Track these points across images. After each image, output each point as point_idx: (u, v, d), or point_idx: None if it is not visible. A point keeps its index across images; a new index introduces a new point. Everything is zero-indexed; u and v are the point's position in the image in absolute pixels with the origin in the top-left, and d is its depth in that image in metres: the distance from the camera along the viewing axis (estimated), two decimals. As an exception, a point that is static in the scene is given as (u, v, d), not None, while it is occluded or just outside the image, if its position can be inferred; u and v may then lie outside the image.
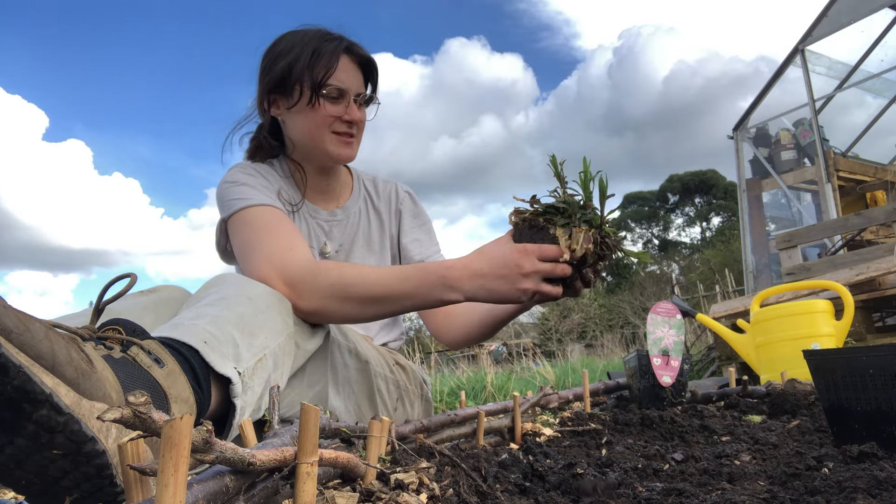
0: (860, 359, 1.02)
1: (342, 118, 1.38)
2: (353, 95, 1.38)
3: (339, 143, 1.40)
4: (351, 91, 1.38)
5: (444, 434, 1.16)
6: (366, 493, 0.72)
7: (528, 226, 1.09)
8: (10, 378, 0.58)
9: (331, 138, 1.39)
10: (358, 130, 1.43)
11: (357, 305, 1.14)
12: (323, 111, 1.36)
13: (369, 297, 1.13)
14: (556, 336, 17.07)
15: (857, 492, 0.73)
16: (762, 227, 8.13)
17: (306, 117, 1.38)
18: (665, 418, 1.39)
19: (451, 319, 1.46)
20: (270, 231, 1.25)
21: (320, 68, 1.34)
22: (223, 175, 1.40)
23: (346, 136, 1.40)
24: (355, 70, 1.40)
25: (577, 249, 1.04)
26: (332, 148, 1.40)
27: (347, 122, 1.39)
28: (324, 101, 1.36)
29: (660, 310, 1.74)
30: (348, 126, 1.39)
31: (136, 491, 0.57)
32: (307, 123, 1.38)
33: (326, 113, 1.36)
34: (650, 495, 0.80)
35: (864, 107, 8.34)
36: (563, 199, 1.08)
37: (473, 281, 1.09)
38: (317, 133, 1.39)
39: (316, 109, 1.36)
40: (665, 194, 36.18)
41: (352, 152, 1.43)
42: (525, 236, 1.10)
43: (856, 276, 3.49)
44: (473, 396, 4.51)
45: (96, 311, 0.84)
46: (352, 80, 1.38)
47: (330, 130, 1.39)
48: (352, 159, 1.45)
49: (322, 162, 1.46)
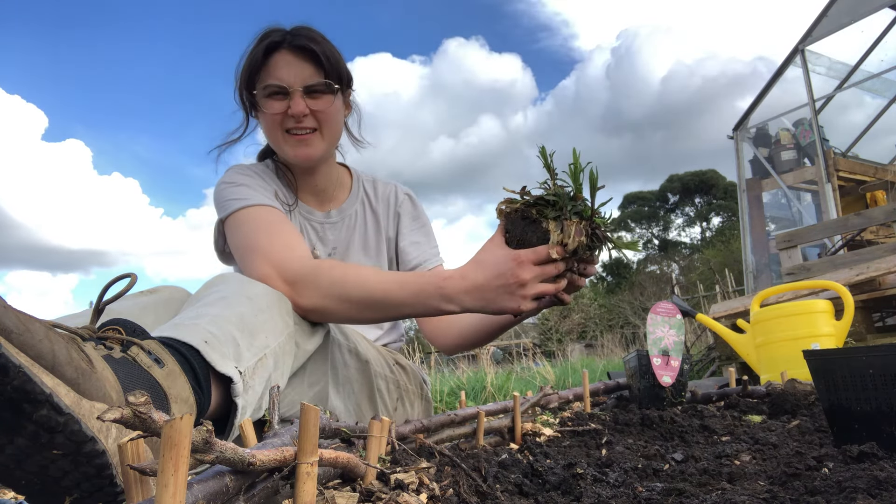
0: (860, 359, 1.02)
1: (287, 113, 1.33)
2: (298, 88, 1.32)
3: (293, 142, 1.36)
4: (294, 85, 1.32)
5: (444, 434, 1.16)
6: (366, 493, 0.72)
7: (520, 217, 1.08)
8: (10, 378, 0.58)
9: (285, 138, 1.36)
10: (319, 124, 1.36)
11: (355, 307, 1.14)
12: (269, 112, 1.34)
13: (368, 300, 1.13)
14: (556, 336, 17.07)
15: (857, 492, 0.73)
16: (762, 227, 8.13)
17: (263, 122, 1.39)
18: (665, 418, 1.39)
19: (445, 325, 1.45)
20: (269, 230, 1.25)
21: (253, 70, 1.34)
22: (220, 176, 1.40)
23: (300, 133, 1.35)
24: (298, 62, 1.33)
25: (569, 243, 1.03)
26: (287, 148, 1.37)
27: (294, 118, 1.33)
28: (266, 101, 1.33)
29: (660, 310, 1.74)
30: (296, 121, 1.34)
31: (136, 491, 0.57)
32: (265, 128, 1.39)
33: (271, 112, 1.34)
34: (650, 495, 0.80)
35: (864, 107, 8.36)
36: (553, 190, 1.07)
37: (471, 294, 1.07)
38: (272, 136, 1.39)
39: (265, 114, 1.35)
40: (665, 194, 36.19)
41: (310, 150, 1.36)
42: (517, 227, 1.08)
43: (856, 276, 3.50)
44: (473, 396, 4.51)
45: (96, 311, 0.84)
46: (293, 74, 1.32)
47: (282, 130, 1.35)
48: (312, 158, 1.38)
49: (289, 164, 1.45)
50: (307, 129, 1.35)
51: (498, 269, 1.05)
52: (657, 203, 36.39)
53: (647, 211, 36.07)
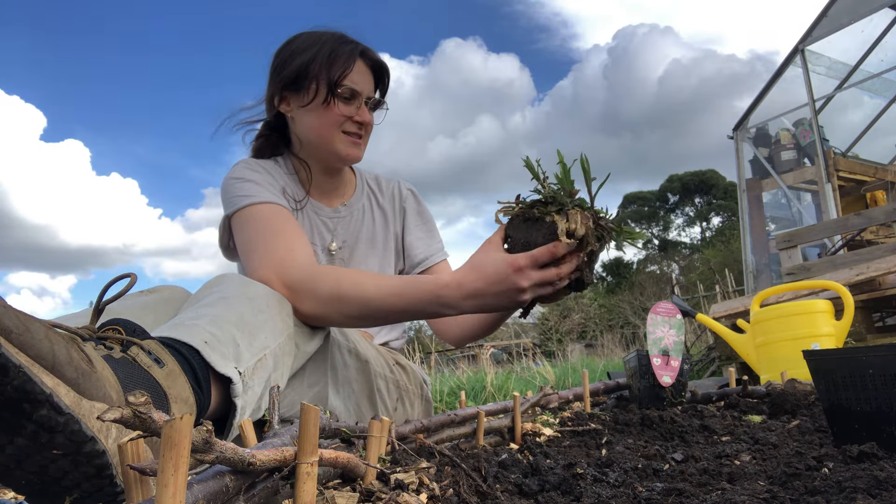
0: (860, 359, 1.02)
1: (353, 118, 1.40)
2: (364, 98, 1.41)
3: (348, 143, 1.42)
4: (363, 94, 1.40)
5: (444, 434, 1.16)
6: (366, 493, 0.72)
7: (521, 219, 1.08)
8: (10, 378, 0.58)
9: (340, 137, 1.41)
10: (366, 133, 1.46)
11: (354, 314, 1.15)
12: (336, 110, 1.38)
13: (365, 308, 1.13)
14: (556, 336, 17.06)
15: (857, 492, 0.73)
16: (762, 227, 8.14)
17: (318, 116, 1.39)
18: (665, 418, 1.39)
19: (449, 320, 1.47)
20: (273, 231, 1.25)
21: (337, 68, 1.36)
22: (228, 171, 1.41)
23: (355, 137, 1.43)
24: (368, 74, 1.43)
25: (577, 229, 1.03)
26: (341, 147, 1.42)
27: (358, 123, 1.41)
28: (337, 100, 1.38)
29: (660, 310, 1.74)
30: (358, 127, 1.42)
31: (136, 491, 0.57)
32: (319, 122, 1.40)
33: (339, 112, 1.38)
34: (650, 495, 0.80)
35: (864, 107, 8.35)
36: (547, 193, 1.08)
37: (469, 300, 1.08)
38: (327, 132, 1.40)
39: (329, 108, 1.38)
40: (665, 194, 36.19)
41: (359, 153, 1.45)
42: (520, 231, 1.08)
43: (856, 276, 3.49)
44: (473, 396, 4.51)
45: (96, 311, 0.84)
46: (365, 83, 1.41)
47: (340, 130, 1.41)
48: (359, 160, 1.47)
49: (329, 161, 1.47)
50: (360, 134, 1.44)
51: (497, 276, 1.05)
52: (657, 203, 36.40)
53: (646, 211, 36.07)
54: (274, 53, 1.44)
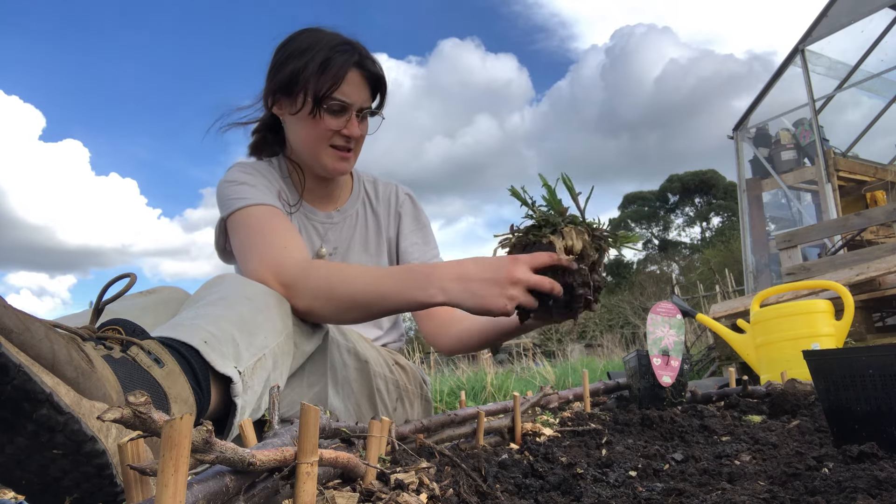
0: (860, 359, 1.02)
1: (341, 132, 1.36)
2: (355, 110, 1.36)
3: (335, 157, 1.39)
4: (354, 106, 1.36)
5: (444, 434, 1.16)
6: (366, 493, 0.72)
7: (521, 247, 1.11)
8: (10, 377, 0.58)
9: (328, 152, 1.38)
10: (356, 145, 1.42)
11: (342, 304, 1.13)
12: (323, 124, 1.34)
13: (351, 295, 1.12)
14: (556, 336, 17.06)
15: (857, 492, 0.73)
16: (762, 227, 8.14)
17: (306, 126, 1.36)
18: (665, 418, 1.39)
19: (444, 325, 1.46)
20: (267, 231, 1.25)
21: (326, 80, 1.31)
22: (224, 174, 1.40)
23: (343, 151, 1.39)
24: (363, 84, 1.37)
25: (574, 244, 1.06)
26: (327, 161, 1.39)
27: (346, 137, 1.37)
28: (325, 114, 1.34)
29: (660, 310, 1.74)
30: (346, 140, 1.38)
31: (136, 491, 0.57)
32: (306, 133, 1.37)
33: (326, 126, 1.35)
34: (650, 495, 0.80)
35: (864, 107, 8.35)
36: (539, 216, 1.11)
37: (458, 283, 1.06)
38: (314, 145, 1.38)
39: (316, 121, 1.34)
40: (665, 194, 36.18)
41: (347, 166, 1.42)
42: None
43: (856, 276, 3.49)
44: (473, 396, 4.51)
45: (96, 311, 0.84)
46: (357, 95, 1.36)
47: (328, 144, 1.38)
48: (346, 173, 1.45)
49: (317, 172, 1.46)
50: (349, 147, 1.40)
51: (492, 264, 1.07)
52: (657, 203, 36.39)
53: (646, 211, 36.07)
54: (274, 50, 1.40)
